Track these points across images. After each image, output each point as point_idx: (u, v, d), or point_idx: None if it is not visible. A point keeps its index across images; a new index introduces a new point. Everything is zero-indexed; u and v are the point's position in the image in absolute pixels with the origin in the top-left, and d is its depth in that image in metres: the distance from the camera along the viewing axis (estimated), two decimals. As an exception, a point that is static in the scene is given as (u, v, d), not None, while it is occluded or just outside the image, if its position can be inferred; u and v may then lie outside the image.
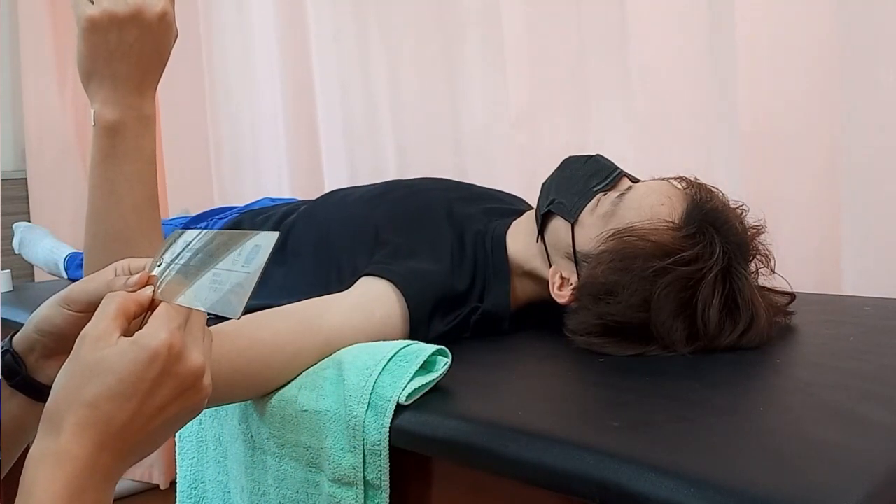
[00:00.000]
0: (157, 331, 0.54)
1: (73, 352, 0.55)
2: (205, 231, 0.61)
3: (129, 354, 0.53)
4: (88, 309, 0.60)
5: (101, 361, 0.53)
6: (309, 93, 2.06)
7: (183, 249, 0.60)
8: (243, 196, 2.21)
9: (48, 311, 0.63)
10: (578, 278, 0.96)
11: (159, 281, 0.60)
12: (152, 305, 0.58)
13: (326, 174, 2.04)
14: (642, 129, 1.43)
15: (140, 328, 0.55)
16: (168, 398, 0.55)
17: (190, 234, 0.62)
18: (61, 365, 0.56)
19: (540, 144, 1.60)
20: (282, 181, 2.14)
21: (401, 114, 1.86)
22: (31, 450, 0.53)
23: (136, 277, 0.60)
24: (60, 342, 0.63)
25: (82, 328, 0.56)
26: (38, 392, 0.64)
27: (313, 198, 1.29)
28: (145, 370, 0.53)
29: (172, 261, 0.60)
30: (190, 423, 1.01)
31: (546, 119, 1.60)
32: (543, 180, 1.05)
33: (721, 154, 1.33)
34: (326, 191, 1.34)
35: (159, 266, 0.61)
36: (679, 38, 1.37)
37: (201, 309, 0.56)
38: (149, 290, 0.59)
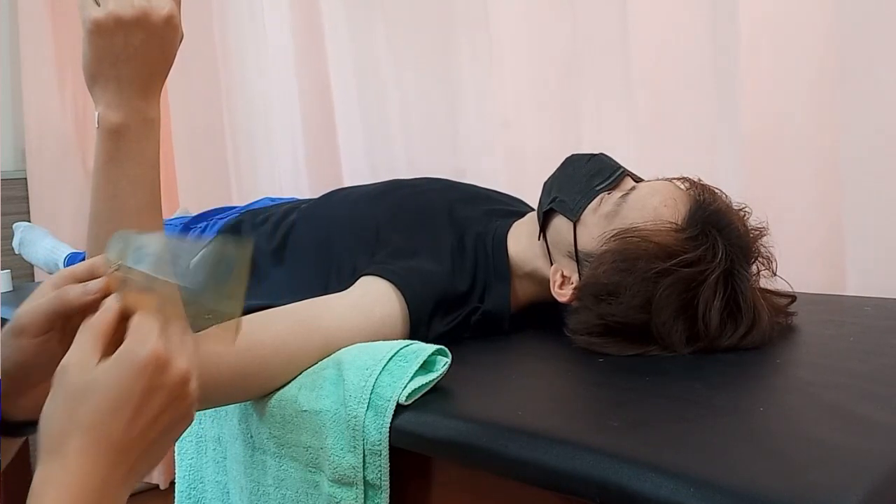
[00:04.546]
0: (137, 345, 0.54)
1: (55, 383, 0.54)
2: (156, 235, 0.59)
3: (115, 371, 0.53)
4: (47, 328, 0.59)
5: (89, 384, 0.53)
6: (326, 93, 2.05)
7: (140, 251, 0.57)
8: (261, 193, 2.21)
9: (5, 352, 0.61)
10: (580, 277, 0.96)
11: (122, 287, 0.57)
12: (125, 314, 0.57)
13: (345, 177, 2.03)
14: (642, 130, 1.43)
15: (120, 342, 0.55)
16: (159, 408, 0.54)
17: (139, 240, 0.58)
18: (36, 396, 0.55)
19: (531, 146, 1.60)
20: (300, 180, 2.13)
21: (406, 114, 1.86)
22: (34, 480, 0.52)
23: (97, 284, 0.58)
24: (29, 374, 0.61)
25: (47, 350, 0.56)
26: (14, 428, 0.63)
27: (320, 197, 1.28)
28: (133, 384, 0.53)
29: (130, 265, 0.57)
30: (190, 423, 1.01)
31: (540, 120, 1.60)
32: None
33: (722, 155, 1.33)
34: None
35: (116, 270, 0.58)
36: (680, 39, 1.36)
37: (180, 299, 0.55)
38: (116, 305, 0.57)
